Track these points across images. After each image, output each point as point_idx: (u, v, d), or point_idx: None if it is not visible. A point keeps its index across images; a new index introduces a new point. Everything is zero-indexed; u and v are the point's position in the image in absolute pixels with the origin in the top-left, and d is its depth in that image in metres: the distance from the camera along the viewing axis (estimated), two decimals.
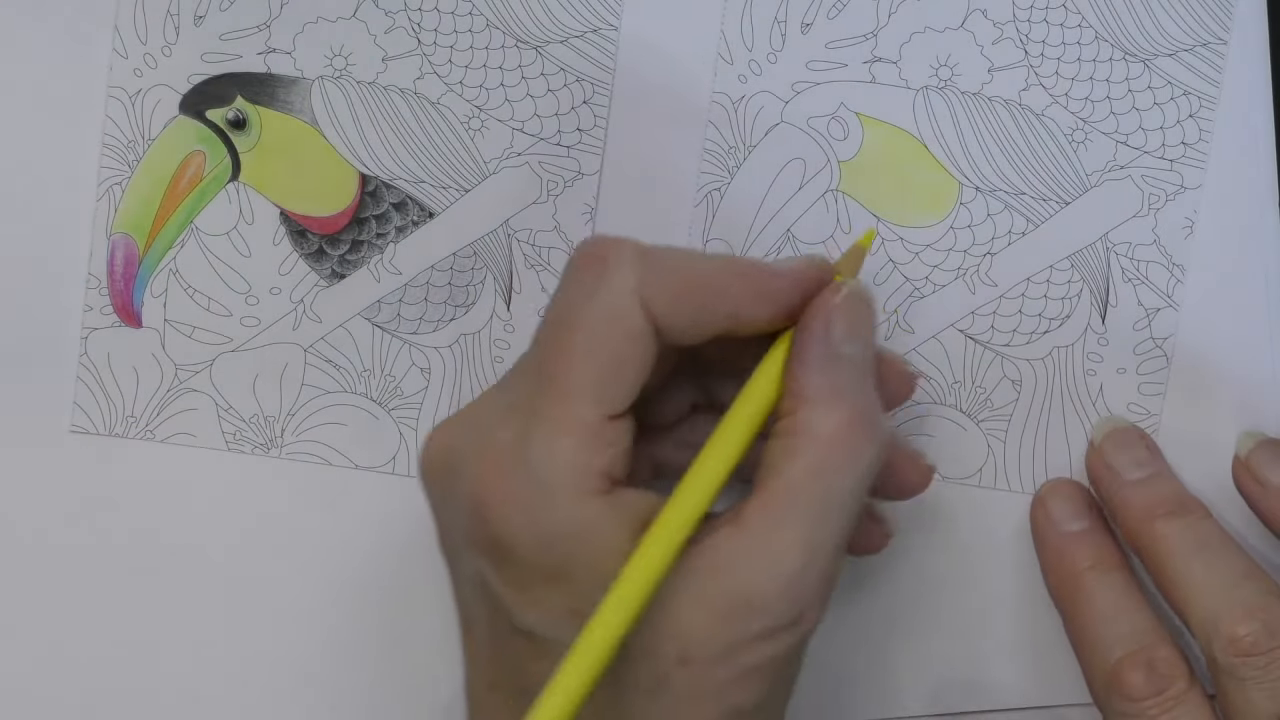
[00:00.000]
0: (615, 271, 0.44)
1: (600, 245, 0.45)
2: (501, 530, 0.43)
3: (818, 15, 0.52)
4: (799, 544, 0.43)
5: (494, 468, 0.44)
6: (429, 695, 0.55)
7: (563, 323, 0.45)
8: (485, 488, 0.44)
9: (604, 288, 0.44)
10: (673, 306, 0.45)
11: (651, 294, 0.44)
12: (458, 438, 0.46)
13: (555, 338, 0.45)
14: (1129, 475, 0.52)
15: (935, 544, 0.54)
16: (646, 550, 0.43)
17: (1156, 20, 0.52)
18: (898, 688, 0.54)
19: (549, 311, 0.46)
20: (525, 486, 0.43)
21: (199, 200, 0.54)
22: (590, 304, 0.44)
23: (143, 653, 0.55)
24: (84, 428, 0.54)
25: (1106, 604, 0.51)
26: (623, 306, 0.44)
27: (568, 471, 0.43)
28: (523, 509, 0.43)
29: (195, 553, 0.54)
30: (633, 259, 0.45)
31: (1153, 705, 0.49)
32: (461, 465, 0.45)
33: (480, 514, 0.44)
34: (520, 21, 0.53)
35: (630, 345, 0.44)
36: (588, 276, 0.45)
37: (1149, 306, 0.53)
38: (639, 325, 0.44)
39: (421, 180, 0.53)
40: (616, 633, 0.42)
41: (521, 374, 0.46)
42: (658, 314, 0.44)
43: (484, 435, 0.45)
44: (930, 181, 0.53)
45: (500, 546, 0.44)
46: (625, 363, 0.44)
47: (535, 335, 0.46)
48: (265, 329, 0.54)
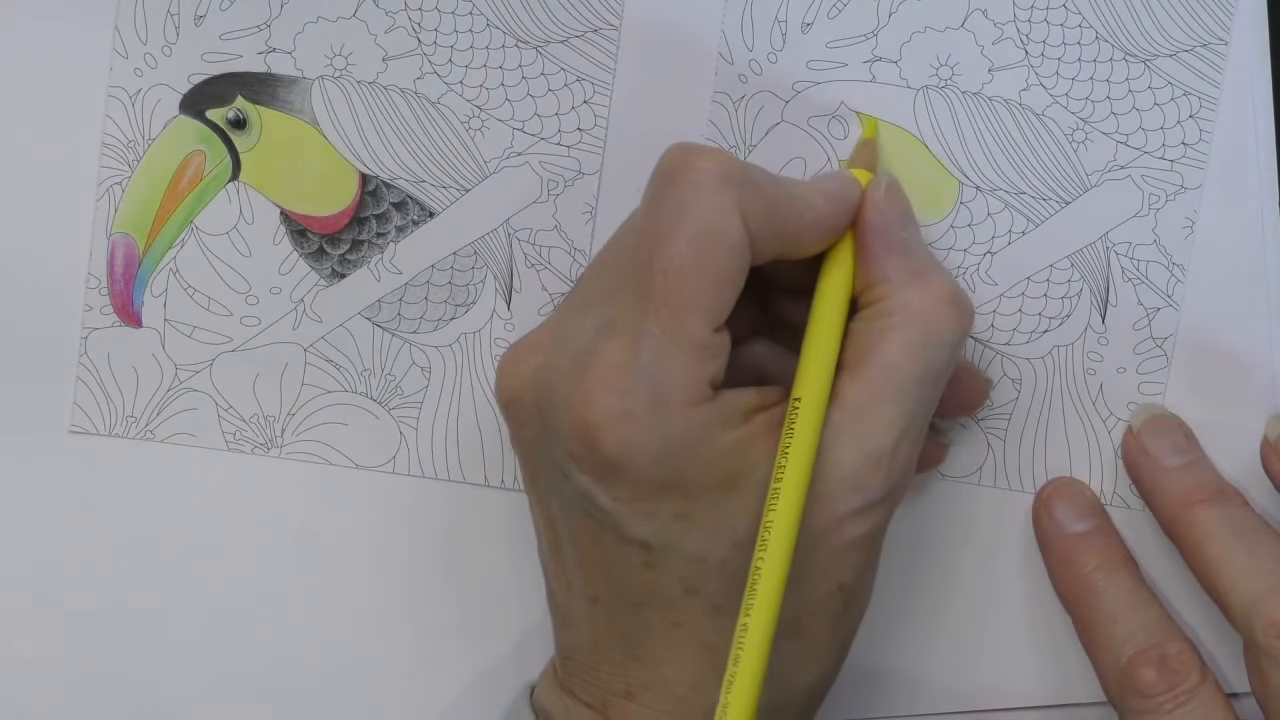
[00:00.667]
0: (719, 184, 0.45)
1: (695, 154, 0.45)
2: (613, 448, 0.44)
3: (818, 15, 0.52)
4: (896, 420, 0.45)
5: (601, 386, 0.44)
6: (429, 691, 0.55)
7: (664, 234, 0.44)
8: (591, 407, 0.44)
9: (707, 200, 0.44)
10: (760, 225, 0.45)
11: (748, 210, 0.45)
12: (548, 359, 0.46)
13: (658, 250, 0.44)
14: (1168, 462, 0.52)
15: (935, 543, 0.54)
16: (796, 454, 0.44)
17: (1157, 20, 0.52)
18: (900, 687, 0.54)
19: (642, 220, 0.46)
20: (639, 403, 0.44)
21: (199, 200, 0.54)
22: (693, 216, 0.44)
23: (142, 652, 0.55)
24: (83, 428, 0.54)
25: (1116, 602, 0.51)
26: (725, 220, 0.44)
27: (681, 386, 0.44)
28: (637, 426, 0.44)
29: (195, 553, 0.54)
30: (735, 173, 0.45)
31: (1167, 700, 0.49)
32: (558, 386, 0.45)
33: (587, 433, 0.44)
34: (521, 21, 0.53)
35: (732, 259, 0.45)
36: (687, 188, 0.45)
37: (1149, 306, 0.53)
38: (740, 240, 0.45)
39: (422, 180, 0.53)
40: (792, 540, 0.44)
41: (612, 288, 0.46)
42: (751, 230, 0.45)
43: (582, 353, 0.45)
44: (931, 181, 0.53)
45: (610, 464, 0.44)
46: (728, 276, 0.45)
47: (619, 244, 0.46)
48: (265, 329, 0.54)
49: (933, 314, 0.46)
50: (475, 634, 0.55)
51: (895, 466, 0.45)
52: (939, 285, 0.47)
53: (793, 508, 0.44)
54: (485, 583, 0.55)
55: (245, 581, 0.55)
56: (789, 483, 0.44)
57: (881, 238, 0.47)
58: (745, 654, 0.42)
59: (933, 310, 0.46)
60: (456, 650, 0.55)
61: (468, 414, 0.54)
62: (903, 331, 0.46)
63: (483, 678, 0.55)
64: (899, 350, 0.46)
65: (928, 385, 0.46)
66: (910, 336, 0.46)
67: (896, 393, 0.45)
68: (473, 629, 0.55)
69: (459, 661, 0.55)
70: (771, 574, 0.43)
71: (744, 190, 0.45)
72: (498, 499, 0.54)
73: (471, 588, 0.55)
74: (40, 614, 0.54)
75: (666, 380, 0.44)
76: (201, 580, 0.54)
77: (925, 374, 0.46)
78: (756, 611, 0.43)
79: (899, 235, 0.47)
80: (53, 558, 0.54)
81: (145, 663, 0.55)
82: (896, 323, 0.46)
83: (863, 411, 0.45)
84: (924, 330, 0.46)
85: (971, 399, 0.52)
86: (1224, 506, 0.51)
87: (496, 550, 0.54)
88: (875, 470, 0.45)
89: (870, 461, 0.45)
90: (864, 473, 0.45)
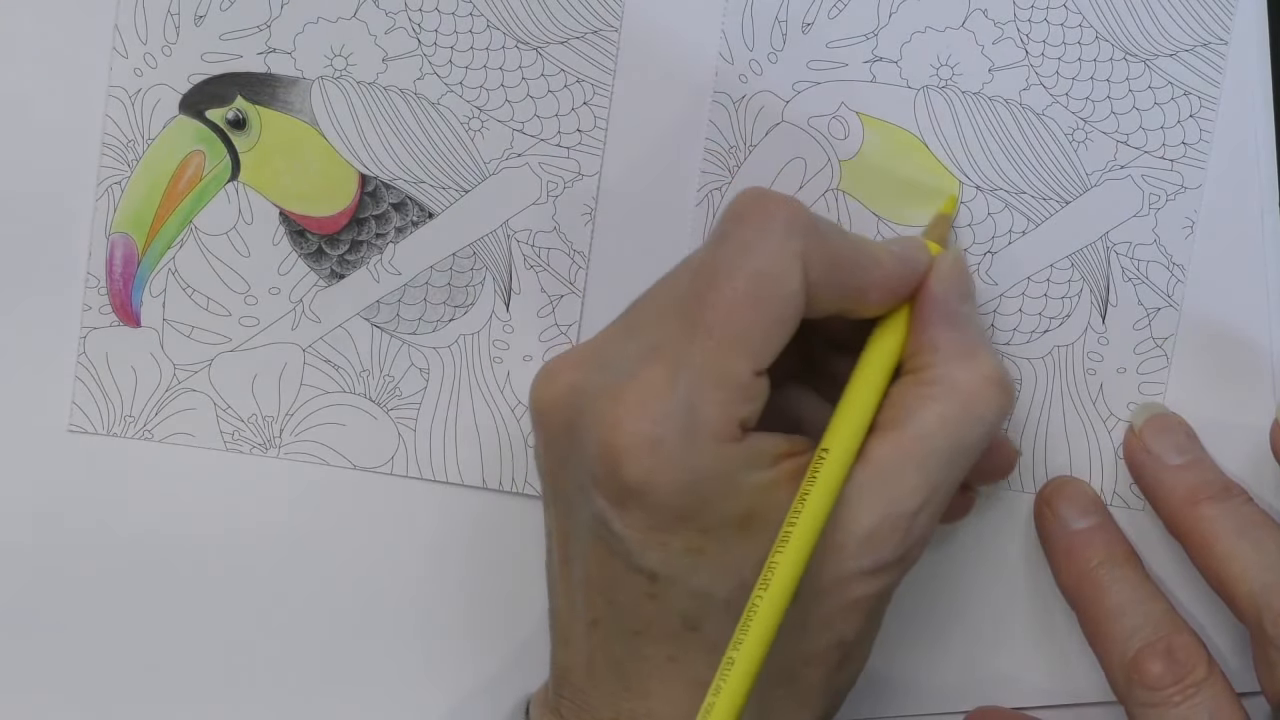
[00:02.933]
0: (784, 230, 0.45)
1: (768, 199, 0.45)
2: (636, 474, 0.44)
3: (818, 15, 0.52)
4: (921, 486, 0.45)
5: (635, 412, 0.44)
6: (427, 692, 0.55)
7: (723, 272, 0.44)
8: (621, 431, 0.44)
9: (771, 245, 0.45)
10: (822, 277, 0.45)
11: (811, 261, 0.45)
12: (586, 377, 0.46)
13: (714, 286, 0.44)
14: (1170, 461, 0.52)
15: (935, 543, 0.54)
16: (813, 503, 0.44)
17: (1157, 20, 0.52)
18: (901, 687, 0.54)
19: (704, 256, 0.46)
20: (669, 433, 0.44)
21: (198, 200, 0.54)
22: (754, 258, 0.44)
23: (141, 652, 0.54)
24: (82, 427, 0.54)
25: (1121, 597, 0.51)
26: (786, 266, 0.45)
27: (713, 422, 0.44)
28: (663, 455, 0.44)
29: (193, 552, 0.54)
30: (803, 222, 0.45)
31: (1175, 692, 0.49)
32: (591, 406, 0.45)
33: (613, 456, 0.44)
34: (521, 22, 0.53)
35: (786, 306, 0.45)
36: (753, 230, 0.45)
37: (1149, 306, 0.53)
38: (796, 287, 0.45)
39: (421, 180, 0.53)
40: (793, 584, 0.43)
41: (661, 316, 0.45)
42: (811, 280, 0.45)
43: (620, 377, 0.45)
44: (931, 181, 0.53)
45: (631, 490, 0.44)
46: (780, 321, 0.45)
47: (676, 277, 0.46)
48: (264, 329, 0.54)
49: (975, 391, 0.46)
50: (474, 635, 0.55)
51: (913, 533, 0.46)
52: (986, 364, 0.47)
53: (799, 552, 0.44)
54: (484, 584, 0.54)
55: (242, 581, 0.54)
56: (801, 528, 0.44)
57: (939, 308, 0.47)
58: (726, 686, 0.42)
59: (976, 388, 0.46)
60: (455, 651, 0.55)
61: (466, 415, 0.54)
62: (942, 403, 0.46)
63: (482, 679, 0.55)
64: (935, 420, 0.46)
65: (958, 459, 0.46)
66: (948, 409, 0.46)
67: (925, 461, 0.45)
68: (471, 630, 0.55)
69: (458, 663, 0.55)
70: (766, 613, 0.43)
71: (810, 240, 0.45)
72: (496, 501, 0.54)
73: (470, 589, 0.55)
74: (39, 613, 0.54)
75: (700, 413, 0.44)
76: (199, 580, 0.54)
77: (957, 448, 0.46)
78: (745, 647, 0.43)
79: (956, 308, 0.48)
80: (51, 557, 0.54)
81: (144, 662, 0.54)
82: (937, 393, 0.46)
83: (889, 474, 0.45)
84: (964, 406, 0.46)
85: (1000, 468, 0.53)
86: (1228, 503, 0.51)
87: (495, 552, 0.54)
88: (893, 534, 0.45)
89: (889, 524, 0.45)
90: (881, 534, 0.45)
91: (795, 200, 0.46)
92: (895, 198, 0.53)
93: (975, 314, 0.49)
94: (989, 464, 0.52)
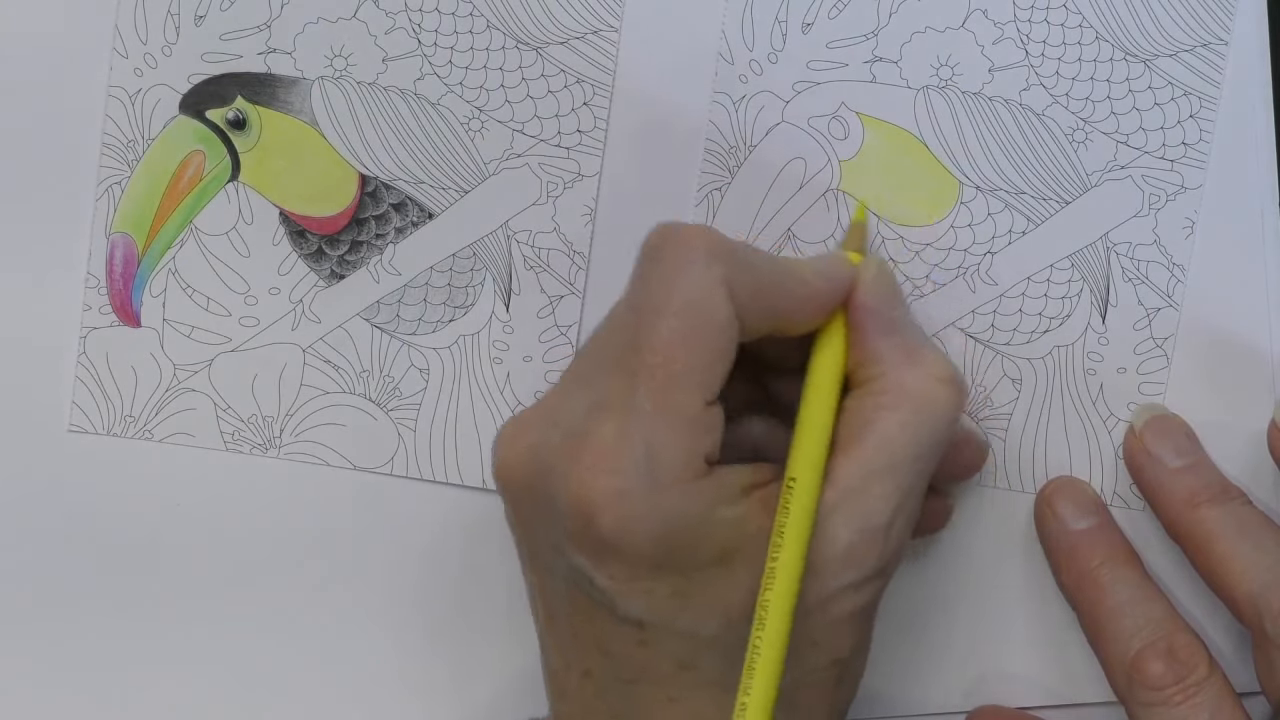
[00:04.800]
0: (705, 260, 0.45)
1: (682, 232, 0.45)
2: (609, 528, 0.43)
3: (818, 15, 0.52)
4: (891, 495, 0.45)
5: (595, 465, 0.44)
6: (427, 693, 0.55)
7: (652, 312, 0.44)
8: (587, 487, 0.44)
9: (693, 276, 0.45)
10: (748, 300, 0.45)
11: (735, 286, 0.45)
12: (543, 436, 0.46)
13: (647, 327, 0.44)
14: (1171, 463, 0.52)
15: (936, 543, 0.54)
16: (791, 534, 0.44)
17: (1157, 20, 0.52)
18: (901, 687, 0.54)
19: (630, 298, 0.46)
20: (633, 484, 0.43)
21: (198, 200, 0.54)
22: (680, 292, 0.44)
23: (140, 652, 0.54)
24: (82, 427, 0.54)
25: (1122, 596, 0.51)
26: (712, 295, 0.44)
27: (676, 463, 0.44)
28: (633, 504, 0.43)
29: (193, 552, 0.54)
30: (721, 249, 0.45)
31: (1176, 692, 0.49)
32: (555, 464, 0.45)
33: (583, 513, 0.44)
34: (521, 23, 0.53)
35: (721, 334, 0.45)
36: (673, 264, 0.45)
37: (1149, 306, 0.53)
38: (728, 315, 0.45)
39: (421, 181, 0.53)
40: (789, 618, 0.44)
41: (600, 366, 0.46)
42: (738, 305, 0.45)
43: (576, 433, 0.44)
44: (931, 181, 0.53)
45: (606, 544, 0.44)
46: (718, 351, 0.45)
47: (610, 324, 0.46)
48: (264, 329, 0.54)
49: (926, 393, 0.46)
50: (474, 635, 0.55)
51: (890, 542, 0.46)
52: (933, 364, 0.47)
53: (788, 587, 0.44)
54: (483, 584, 0.54)
55: (242, 581, 0.54)
56: (784, 563, 0.44)
57: (873, 317, 0.47)
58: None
59: (926, 389, 0.46)
60: (455, 651, 0.55)
61: (466, 416, 0.54)
62: (896, 410, 0.46)
63: (482, 679, 0.55)
64: (894, 428, 0.46)
65: (921, 463, 0.46)
66: (904, 415, 0.46)
67: (890, 470, 0.45)
68: (471, 630, 0.55)
69: (457, 663, 0.55)
70: (770, 653, 0.43)
71: (731, 265, 0.45)
72: (496, 501, 0.54)
73: (469, 589, 0.54)
74: (39, 613, 0.54)
75: (660, 457, 0.44)
76: (199, 580, 0.54)
77: (919, 452, 0.46)
78: (756, 689, 0.43)
79: (890, 315, 0.48)
80: (51, 557, 0.54)
81: (143, 663, 0.54)
82: (889, 401, 0.46)
83: (857, 489, 0.45)
84: (917, 409, 0.46)
85: (969, 465, 0.53)
86: (1228, 505, 0.51)
87: (495, 552, 0.54)
88: (870, 547, 0.45)
89: (865, 538, 0.45)
90: (858, 549, 0.45)
91: (709, 229, 0.46)
92: (895, 198, 0.53)
93: (910, 316, 0.49)
94: (958, 461, 0.52)
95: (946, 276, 0.53)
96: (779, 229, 0.53)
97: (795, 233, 0.53)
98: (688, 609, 0.44)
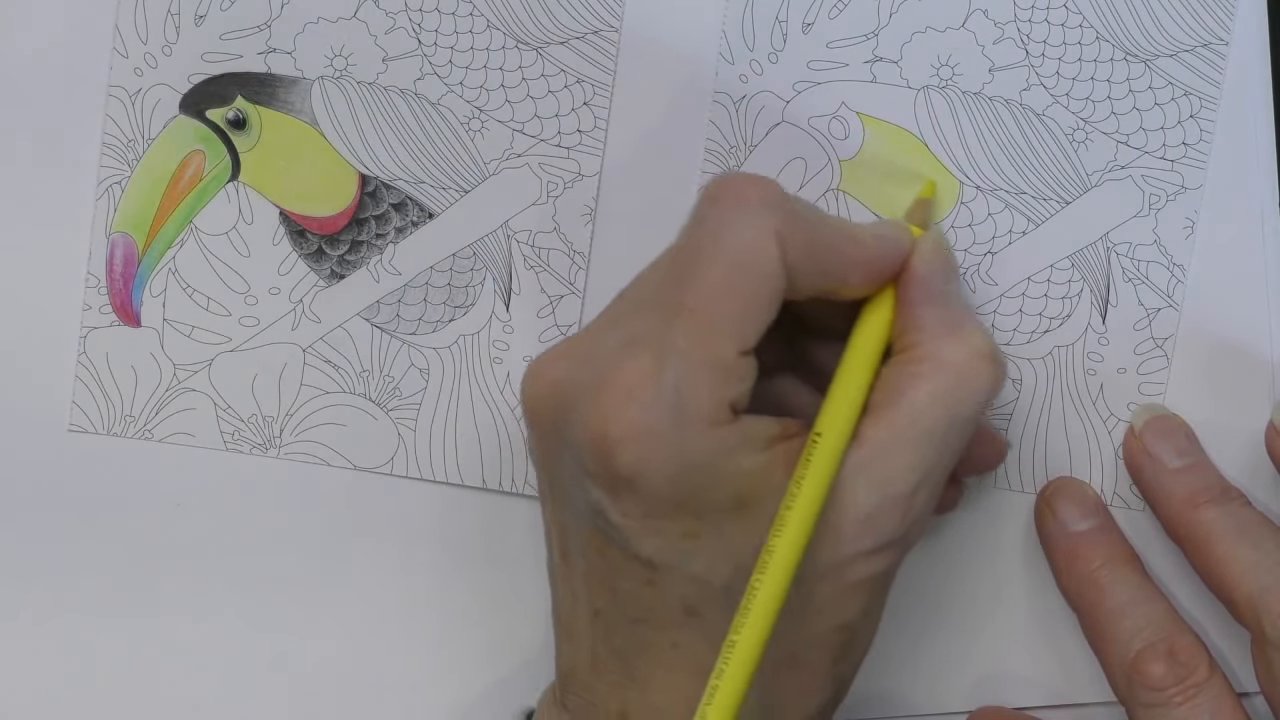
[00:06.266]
0: (759, 210, 0.45)
1: (743, 182, 0.45)
2: (628, 462, 0.43)
3: (819, 15, 0.52)
4: (917, 465, 0.45)
5: (622, 401, 0.43)
6: (427, 692, 0.55)
7: (699, 256, 0.44)
8: (610, 421, 0.43)
9: (745, 224, 0.44)
10: (801, 257, 0.45)
11: (788, 240, 0.45)
12: (571, 371, 0.45)
13: (691, 270, 0.44)
14: (1171, 464, 0.52)
15: (936, 543, 0.54)
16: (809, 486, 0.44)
17: (1157, 20, 0.52)
18: (901, 687, 0.54)
19: (681, 242, 0.46)
20: (659, 419, 0.43)
21: (198, 200, 0.54)
22: (729, 238, 0.44)
23: (140, 652, 0.54)
24: (82, 427, 0.54)
25: (1122, 597, 0.51)
26: (763, 246, 0.44)
27: (703, 405, 0.44)
28: (655, 442, 0.43)
29: (193, 552, 0.54)
30: (776, 201, 0.45)
31: (1176, 693, 0.49)
32: (579, 398, 0.45)
33: (603, 447, 0.44)
34: (521, 23, 0.53)
35: (765, 284, 0.44)
36: (727, 211, 0.45)
37: (1149, 306, 0.53)
38: (775, 267, 0.44)
39: (421, 181, 0.53)
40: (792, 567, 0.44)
41: (640, 305, 0.45)
42: (789, 261, 0.45)
43: (605, 369, 0.44)
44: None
45: (624, 479, 0.44)
46: (760, 301, 0.44)
47: (654, 268, 0.46)
48: (264, 329, 0.54)
49: (964, 366, 0.46)
50: (474, 635, 0.55)
51: (912, 512, 0.46)
52: (975, 339, 0.47)
53: (796, 535, 0.44)
54: (483, 584, 0.54)
55: (242, 582, 0.54)
56: (797, 512, 0.44)
57: (923, 287, 0.47)
58: (729, 670, 0.43)
59: (965, 362, 0.46)
60: (455, 651, 0.55)
61: (466, 416, 0.54)
62: (932, 380, 0.46)
63: (482, 678, 0.55)
64: (926, 398, 0.46)
65: (952, 436, 0.46)
66: (939, 386, 0.46)
67: (919, 439, 0.45)
68: (471, 630, 0.55)
69: (457, 664, 0.55)
70: (765, 597, 0.43)
71: (787, 219, 0.45)
72: (496, 501, 0.54)
73: (469, 589, 0.54)
74: (38, 613, 0.54)
75: (689, 398, 0.44)
76: (198, 580, 0.54)
77: (950, 424, 0.46)
78: (746, 631, 0.43)
79: (941, 287, 0.47)
80: (51, 557, 0.54)
81: (142, 662, 0.54)
82: (927, 370, 0.46)
83: (883, 454, 0.45)
84: (954, 381, 0.46)
85: (989, 459, 0.53)
86: (1227, 506, 0.51)
87: (495, 552, 0.54)
88: (891, 513, 0.45)
89: (887, 505, 0.45)
90: (879, 515, 0.45)
91: (770, 181, 0.46)
92: (895, 198, 0.53)
93: (960, 292, 0.49)
94: (978, 454, 0.52)
95: None
96: None
97: None
98: (699, 553, 0.44)
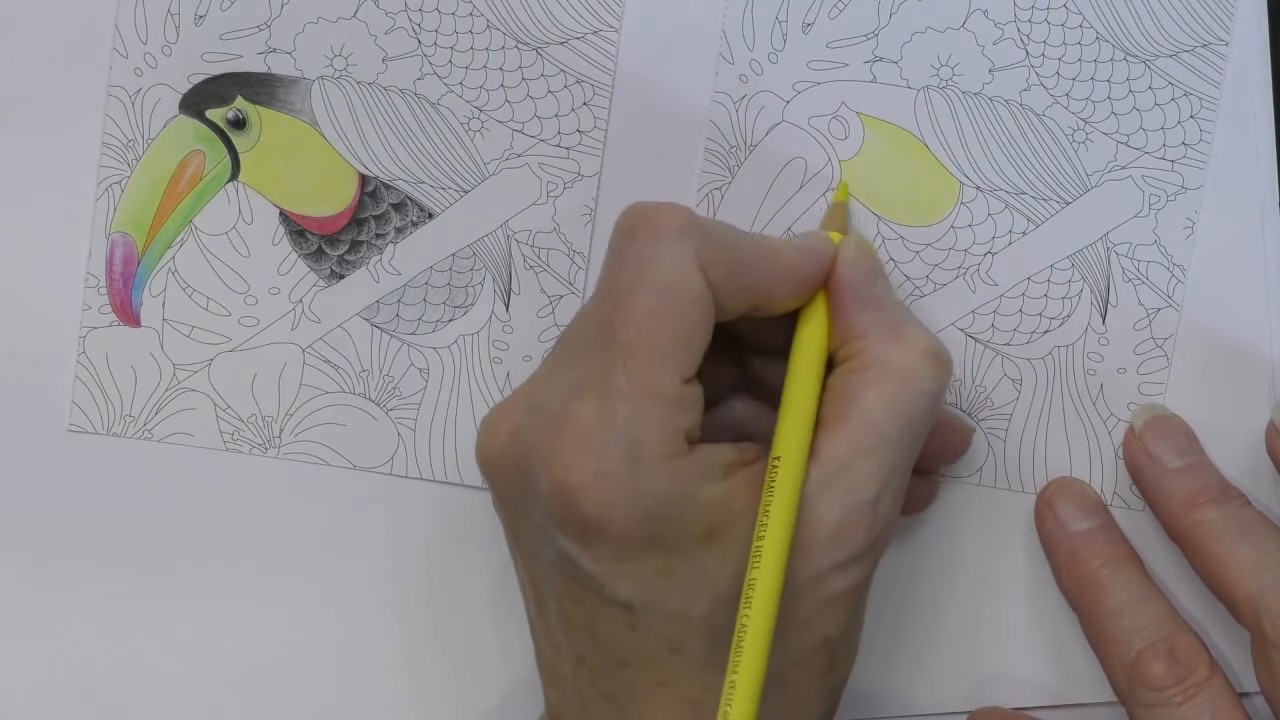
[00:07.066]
0: (675, 236, 0.45)
1: (654, 210, 0.45)
2: (591, 510, 0.44)
3: (819, 15, 0.52)
4: (877, 472, 0.45)
5: (576, 447, 0.44)
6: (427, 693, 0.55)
7: (625, 291, 0.45)
8: (568, 469, 0.44)
9: (664, 253, 0.45)
10: (724, 277, 0.45)
11: (708, 261, 0.45)
12: (524, 421, 0.46)
13: (621, 306, 0.44)
14: (1170, 464, 0.52)
15: (936, 543, 0.54)
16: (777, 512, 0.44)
17: (1157, 21, 0.52)
18: (901, 687, 0.54)
19: (603, 282, 0.46)
20: (614, 463, 0.43)
21: (198, 200, 0.54)
22: (652, 270, 0.45)
23: (141, 652, 0.54)
24: (82, 427, 0.54)
25: (1122, 597, 0.51)
26: (685, 271, 0.45)
27: (655, 441, 0.44)
28: (614, 485, 0.43)
29: (193, 552, 0.54)
30: (690, 225, 0.45)
31: (1176, 693, 0.49)
32: (535, 448, 0.45)
33: (565, 496, 0.44)
34: (521, 23, 0.53)
35: (694, 309, 0.45)
36: (644, 243, 0.45)
37: (1149, 306, 0.53)
38: (700, 290, 0.45)
39: (421, 181, 0.53)
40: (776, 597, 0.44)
41: (580, 348, 0.46)
42: (713, 282, 0.45)
43: (555, 416, 0.45)
44: (931, 181, 0.53)
45: (590, 526, 0.44)
46: (692, 328, 0.45)
47: (588, 307, 0.46)
48: (264, 329, 0.54)
49: (910, 367, 0.46)
50: (474, 634, 0.55)
51: (878, 519, 0.46)
52: (917, 338, 0.47)
53: (775, 565, 0.44)
54: (483, 583, 0.54)
55: (241, 582, 0.54)
56: (771, 540, 0.44)
57: (855, 294, 0.47)
58: (734, 710, 0.43)
59: (910, 364, 0.46)
60: (455, 651, 0.55)
61: (465, 416, 0.54)
62: (881, 385, 0.46)
63: (482, 679, 0.55)
64: (877, 404, 0.46)
65: (907, 437, 0.46)
66: (888, 389, 0.46)
67: (876, 446, 0.45)
68: (471, 630, 0.55)
69: (458, 663, 0.55)
70: (757, 630, 0.43)
71: (703, 241, 0.45)
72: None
73: (469, 589, 0.54)
74: (38, 613, 0.54)
75: (640, 435, 0.44)
76: (198, 580, 0.54)
77: (905, 426, 0.46)
78: (744, 668, 0.43)
79: (870, 291, 0.48)
80: (51, 557, 0.54)
81: (142, 662, 0.54)
82: (874, 376, 0.46)
83: (843, 466, 0.45)
84: (902, 384, 0.46)
85: (953, 448, 0.53)
86: (1227, 506, 0.51)
87: (494, 552, 0.54)
88: (858, 524, 0.45)
89: (853, 515, 0.45)
90: (846, 527, 0.45)
91: (679, 206, 0.46)
92: (896, 198, 0.53)
93: (891, 292, 0.49)
94: (943, 443, 0.52)
95: (947, 277, 0.53)
96: (779, 229, 0.53)
97: (795, 233, 0.53)
98: (675, 589, 0.44)
